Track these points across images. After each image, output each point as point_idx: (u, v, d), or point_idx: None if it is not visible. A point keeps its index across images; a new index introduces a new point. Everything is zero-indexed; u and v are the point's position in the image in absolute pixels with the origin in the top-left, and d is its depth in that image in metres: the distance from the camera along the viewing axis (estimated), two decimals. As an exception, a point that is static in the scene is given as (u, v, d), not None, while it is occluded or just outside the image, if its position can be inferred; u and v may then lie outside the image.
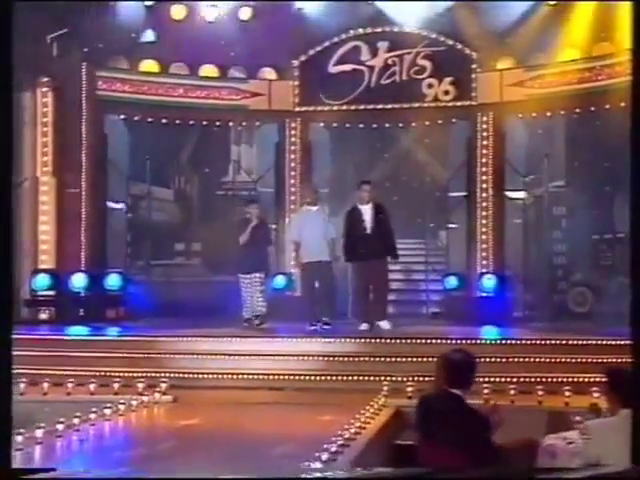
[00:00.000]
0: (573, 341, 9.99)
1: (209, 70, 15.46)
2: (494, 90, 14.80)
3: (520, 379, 9.19)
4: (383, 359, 9.94)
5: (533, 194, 15.43)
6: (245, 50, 15.12)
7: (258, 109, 15.49)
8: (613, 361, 7.76)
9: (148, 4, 14.95)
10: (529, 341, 10.44)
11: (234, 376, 9.88)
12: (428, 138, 15.80)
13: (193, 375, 9.91)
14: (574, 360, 9.54)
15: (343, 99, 15.20)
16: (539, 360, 9.69)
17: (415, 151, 16.00)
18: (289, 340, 10.82)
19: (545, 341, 10.27)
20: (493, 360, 9.25)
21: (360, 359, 10.06)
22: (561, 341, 10.08)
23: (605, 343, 9.65)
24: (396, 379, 9.15)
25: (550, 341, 10.20)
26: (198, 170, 17.40)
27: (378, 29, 15.20)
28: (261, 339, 10.99)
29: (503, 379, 9.09)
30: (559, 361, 9.61)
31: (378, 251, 11.69)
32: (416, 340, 10.31)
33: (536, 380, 9.12)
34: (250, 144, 17.84)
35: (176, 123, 15.18)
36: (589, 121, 14.33)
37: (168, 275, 15.30)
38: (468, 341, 10.08)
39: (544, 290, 14.40)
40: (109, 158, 14.72)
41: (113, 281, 14.12)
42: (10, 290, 3.95)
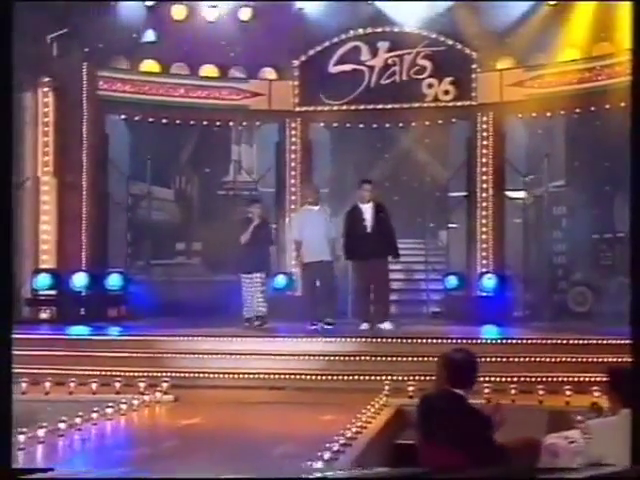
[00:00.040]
0: (574, 340, 10.00)
1: (209, 70, 15.49)
2: (494, 90, 14.81)
3: (521, 379, 9.20)
4: (384, 358, 9.95)
5: (533, 194, 15.44)
6: (245, 50, 15.16)
7: (258, 109, 15.51)
8: (613, 360, 7.81)
9: (149, 4, 14.98)
10: (530, 341, 10.45)
11: (235, 376, 9.89)
12: (428, 138, 15.82)
13: (194, 375, 9.92)
14: (575, 359, 9.55)
15: (343, 99, 15.21)
16: (540, 360, 9.71)
17: (415, 151, 16.02)
18: (290, 340, 10.83)
19: (546, 340, 10.28)
20: (494, 360, 9.26)
21: (361, 358, 10.07)
22: (562, 341, 10.09)
23: (606, 342, 9.67)
24: (397, 378, 9.16)
25: (551, 341, 10.21)
26: (198, 170, 17.41)
27: (378, 29, 15.21)
28: (262, 339, 11.00)
29: (504, 379, 9.10)
30: (560, 360, 9.62)
31: (379, 250, 11.70)
32: (417, 340, 10.32)
33: (537, 379, 9.14)
34: (250, 144, 17.85)
35: (177, 123, 15.20)
36: (589, 121, 14.34)
37: (169, 275, 15.33)
38: (469, 340, 10.09)
39: (544, 290, 14.41)
40: (110, 158, 14.75)
41: (114, 281, 14.14)
42: (10, 290, 3.97)
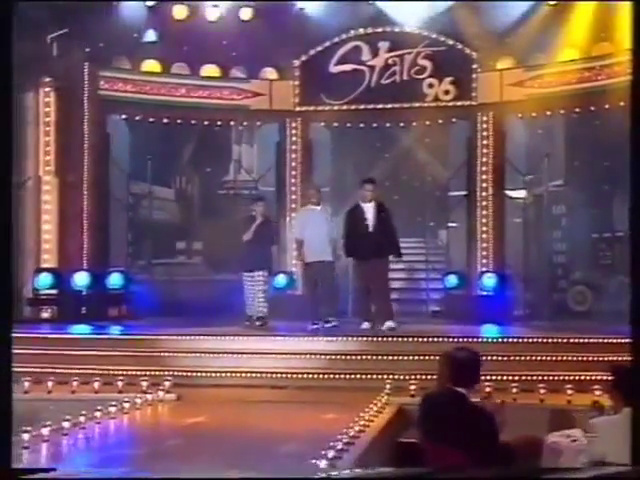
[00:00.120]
0: (574, 339, 10.02)
1: (210, 70, 15.52)
2: (494, 90, 14.84)
3: (522, 377, 9.22)
4: (386, 357, 9.97)
5: (533, 193, 15.48)
6: (246, 50, 15.20)
7: (259, 109, 15.53)
8: (614, 359, 7.84)
9: (150, 4, 15.02)
10: (530, 339, 10.47)
11: (236, 374, 9.91)
12: (428, 138, 15.87)
13: (196, 373, 9.94)
14: (576, 358, 9.59)
15: (344, 99, 15.24)
16: (541, 358, 9.74)
17: (415, 150, 16.07)
18: (291, 338, 10.85)
19: (546, 339, 10.30)
20: (495, 358, 9.29)
21: (363, 357, 10.09)
22: (562, 339, 10.11)
23: (606, 341, 9.70)
24: (399, 377, 9.16)
25: (551, 339, 10.23)
26: (199, 169, 17.46)
27: (379, 29, 15.24)
28: (263, 337, 11.03)
29: (505, 377, 9.11)
30: (561, 359, 9.65)
31: (380, 250, 11.70)
32: (418, 338, 10.35)
33: (538, 378, 9.16)
34: (251, 144, 17.89)
35: (177, 123, 15.21)
36: (589, 121, 14.38)
37: (170, 274, 15.37)
38: (470, 339, 10.13)
39: (544, 289, 14.44)
40: (111, 157, 14.77)
41: (115, 280, 14.17)
42: (10, 289, 3.99)
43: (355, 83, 15.20)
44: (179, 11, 15.14)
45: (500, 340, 10.51)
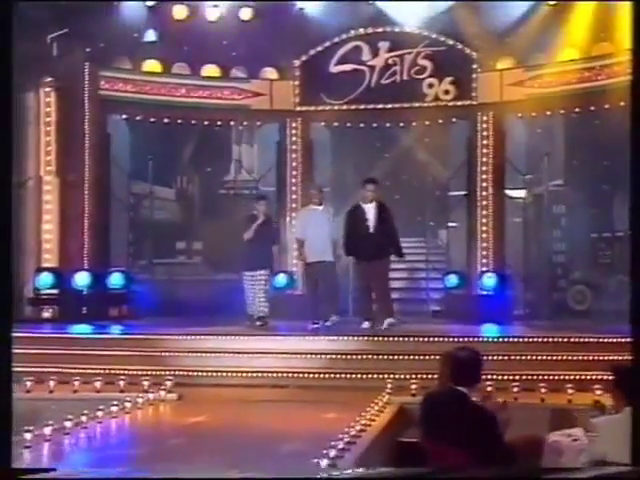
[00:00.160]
0: (575, 339, 10.05)
1: (211, 70, 15.53)
2: (494, 90, 14.85)
3: (522, 377, 9.23)
4: (386, 357, 9.97)
5: (533, 193, 15.50)
6: (247, 50, 15.22)
7: (259, 109, 15.54)
8: (615, 359, 7.85)
9: (150, 4, 15.04)
10: (531, 339, 10.48)
11: (237, 374, 9.91)
12: (428, 137, 15.89)
13: (197, 373, 9.96)
14: (576, 358, 9.60)
15: (344, 99, 15.24)
16: (541, 358, 9.75)
17: (415, 150, 16.09)
18: (292, 338, 10.88)
19: (547, 339, 10.29)
20: (495, 358, 9.30)
21: (363, 357, 10.10)
22: (563, 339, 10.12)
23: (607, 341, 9.72)
24: (400, 377, 9.17)
25: (551, 339, 10.23)
26: (200, 169, 17.48)
27: (379, 29, 15.24)
28: (264, 337, 11.05)
29: (505, 377, 9.10)
30: (561, 359, 9.66)
31: (380, 250, 11.72)
32: (419, 338, 10.37)
33: (538, 378, 9.18)
34: (251, 143, 17.91)
35: (178, 123, 15.21)
36: (588, 120, 14.39)
37: (170, 273, 15.39)
38: (471, 339, 10.16)
39: (544, 288, 14.46)
40: (112, 157, 14.79)
41: (116, 280, 14.19)
42: (11, 289, 4.00)
43: (355, 83, 15.20)
44: (179, 11, 15.16)
45: (500, 339, 10.52)
